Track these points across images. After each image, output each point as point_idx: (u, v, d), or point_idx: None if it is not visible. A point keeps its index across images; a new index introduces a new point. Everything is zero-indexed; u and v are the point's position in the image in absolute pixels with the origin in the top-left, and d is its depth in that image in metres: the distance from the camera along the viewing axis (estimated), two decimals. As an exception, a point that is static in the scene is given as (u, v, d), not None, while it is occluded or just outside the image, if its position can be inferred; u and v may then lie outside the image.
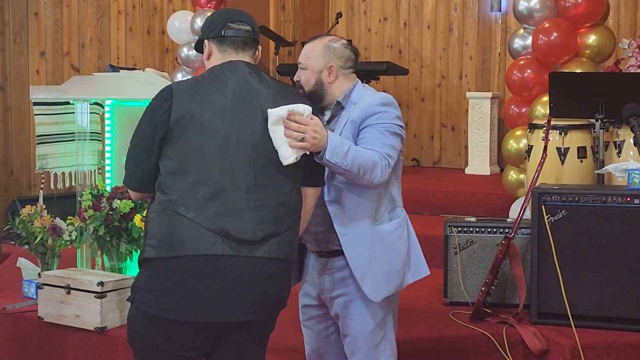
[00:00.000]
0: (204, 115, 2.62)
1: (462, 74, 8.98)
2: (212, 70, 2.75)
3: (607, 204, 4.15)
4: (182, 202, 2.56)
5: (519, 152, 5.77)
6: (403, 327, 4.26)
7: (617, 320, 4.11)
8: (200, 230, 2.54)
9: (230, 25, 2.77)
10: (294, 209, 2.74)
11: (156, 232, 2.60)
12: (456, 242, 4.61)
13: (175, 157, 2.60)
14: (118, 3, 7.63)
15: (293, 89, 2.98)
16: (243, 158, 2.61)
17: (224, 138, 2.60)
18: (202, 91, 2.67)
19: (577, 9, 5.72)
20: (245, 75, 2.72)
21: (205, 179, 2.58)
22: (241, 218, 2.59)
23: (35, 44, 7.02)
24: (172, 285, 2.58)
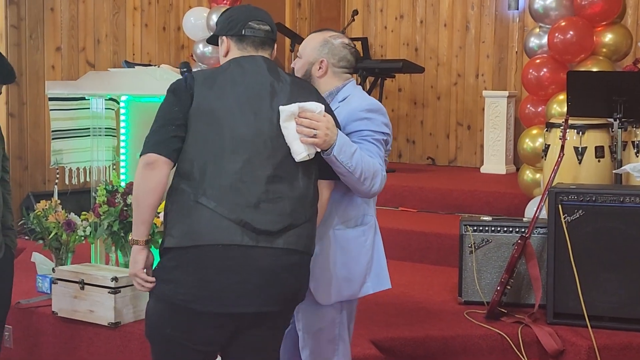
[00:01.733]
0: (223, 107, 2.65)
1: (479, 72, 8.96)
2: (230, 63, 2.76)
3: (624, 204, 4.14)
4: (202, 192, 2.58)
5: (535, 151, 5.76)
6: (417, 326, 4.28)
7: (634, 322, 4.10)
8: (220, 220, 2.56)
9: (250, 24, 2.79)
10: (311, 202, 2.75)
11: (176, 222, 2.62)
12: (471, 241, 4.60)
13: (194, 147, 2.62)
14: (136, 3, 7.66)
15: (309, 84, 2.98)
16: (262, 151, 2.63)
17: (244, 131, 2.62)
18: (221, 83, 2.69)
19: (594, 8, 5.70)
20: (263, 70, 2.74)
21: (226, 170, 2.59)
22: (260, 209, 2.60)
23: (50, 40, 7.05)
24: (191, 275, 2.60)
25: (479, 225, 4.65)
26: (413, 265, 5.70)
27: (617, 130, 4.72)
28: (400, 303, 4.71)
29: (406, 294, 4.91)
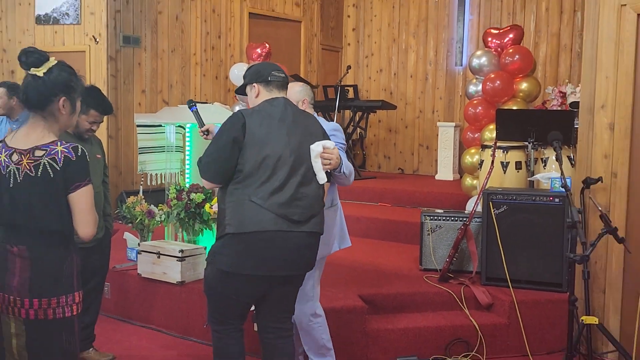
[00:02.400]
0: (262, 134, 2.68)
1: (434, 109, 8.96)
2: (264, 103, 2.80)
3: (536, 201, 4.16)
4: (254, 194, 2.62)
5: (473, 164, 5.77)
6: (391, 285, 4.30)
7: (541, 284, 4.12)
8: (266, 213, 2.61)
9: (273, 73, 2.84)
10: (321, 198, 2.83)
11: (233, 216, 2.66)
12: (429, 226, 4.62)
13: (248, 163, 2.66)
14: (196, 57, 7.67)
15: (310, 115, 3.03)
16: (292, 165, 2.70)
17: (278, 151, 2.68)
18: (261, 117, 2.73)
19: (513, 65, 5.73)
20: (285, 107, 2.79)
21: (270, 179, 2.65)
22: (293, 205, 2.68)
23: (138, 85, 7.07)
24: (242, 250, 2.66)
25: (434, 215, 4.66)
26: (388, 243, 5.69)
27: (530, 150, 4.72)
28: (379, 269, 4.70)
29: (383, 263, 4.89)
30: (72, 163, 2.16)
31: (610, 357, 3.84)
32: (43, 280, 2.20)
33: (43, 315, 2.21)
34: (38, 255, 2.20)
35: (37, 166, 2.14)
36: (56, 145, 2.17)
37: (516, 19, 8.12)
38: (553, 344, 3.90)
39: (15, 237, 2.21)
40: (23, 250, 2.19)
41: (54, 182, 2.15)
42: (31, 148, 2.17)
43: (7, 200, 2.17)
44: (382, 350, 3.79)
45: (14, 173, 2.16)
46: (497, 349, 3.85)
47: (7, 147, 2.20)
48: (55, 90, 2.21)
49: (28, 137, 2.21)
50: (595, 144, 3.91)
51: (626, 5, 3.74)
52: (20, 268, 2.19)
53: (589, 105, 3.94)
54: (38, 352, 2.22)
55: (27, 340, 2.21)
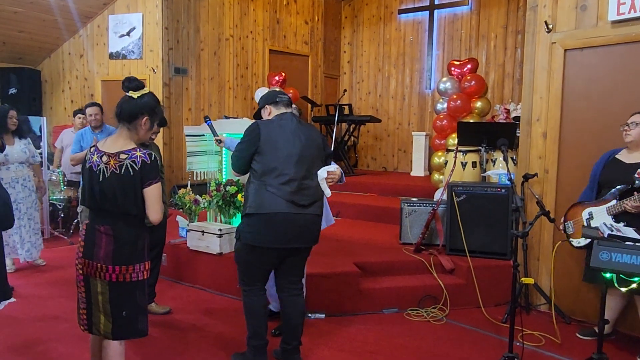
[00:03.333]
0: (275, 139, 2.70)
1: (410, 122, 8.94)
2: (275, 117, 2.82)
3: (487, 192, 4.16)
4: (269, 184, 2.64)
5: (440, 164, 5.77)
6: (376, 255, 4.29)
7: (491, 253, 4.12)
8: (278, 199, 2.63)
9: (279, 95, 2.89)
10: (320, 189, 2.80)
11: (253, 200, 2.67)
12: (406, 211, 4.61)
13: (263, 161, 2.68)
14: (229, 83, 7.67)
15: (314, 127, 3.00)
16: (298, 163, 2.70)
17: (287, 152, 2.69)
18: (273, 126, 2.75)
19: (471, 88, 5.71)
20: (293, 119, 2.80)
21: (282, 173, 2.65)
22: (300, 194, 2.68)
23: (185, 104, 7.08)
24: (262, 228, 2.66)
25: (410, 202, 4.64)
26: (375, 223, 5.69)
27: (483, 153, 4.71)
28: (368, 243, 4.70)
29: (371, 238, 4.90)
30: (147, 165, 2.19)
31: (543, 308, 3.85)
32: (123, 252, 2.23)
33: (122, 279, 2.23)
34: (119, 233, 2.22)
35: (121, 166, 2.18)
36: (136, 151, 2.20)
37: (472, 54, 8.10)
38: (500, 298, 3.90)
39: (101, 219, 2.24)
40: (108, 229, 2.22)
41: (133, 178, 2.18)
42: (117, 152, 2.21)
43: (98, 191, 2.22)
44: (371, 304, 3.80)
45: (103, 170, 2.20)
46: (458, 302, 3.87)
47: (98, 151, 2.26)
48: (142, 110, 2.26)
49: (115, 143, 2.25)
50: (532, 148, 3.92)
51: (555, 43, 3.74)
52: (105, 243, 2.22)
53: (527, 119, 3.94)
54: (118, 305, 2.25)
55: (110, 296, 2.24)
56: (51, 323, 3.48)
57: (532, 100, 3.90)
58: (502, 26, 7.97)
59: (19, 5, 6.18)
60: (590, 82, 3.61)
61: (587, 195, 3.26)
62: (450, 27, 8.48)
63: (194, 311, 3.76)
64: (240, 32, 7.77)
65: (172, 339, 3.29)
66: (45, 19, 6.59)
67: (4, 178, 4.38)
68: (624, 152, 3.15)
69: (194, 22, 7.11)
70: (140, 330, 2.33)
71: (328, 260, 4.00)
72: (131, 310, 2.27)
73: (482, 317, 3.70)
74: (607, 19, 3.45)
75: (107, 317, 2.25)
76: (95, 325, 2.29)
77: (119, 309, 2.25)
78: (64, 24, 6.83)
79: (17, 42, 6.82)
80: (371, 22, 9.36)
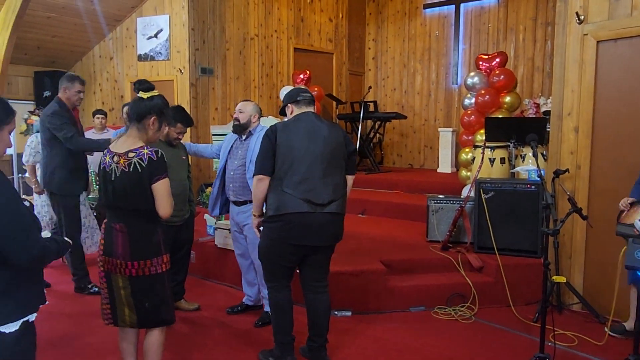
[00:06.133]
0: (291, 140, 2.69)
1: (436, 118, 8.83)
2: (295, 117, 2.82)
3: (516, 188, 4.09)
4: (285, 185, 2.65)
5: (467, 160, 5.66)
6: (403, 252, 4.27)
7: (521, 251, 4.05)
8: (294, 199, 2.63)
9: (301, 94, 2.87)
10: (342, 187, 2.79)
11: (272, 202, 2.69)
12: (433, 208, 4.57)
13: (280, 161, 2.68)
14: (254, 82, 7.73)
15: (336, 125, 2.96)
16: (316, 161, 2.69)
17: (304, 151, 2.68)
18: (291, 127, 2.74)
19: (499, 83, 5.58)
20: (313, 118, 2.79)
21: (298, 173, 2.65)
22: (317, 192, 2.67)
23: (212, 104, 7.17)
24: (282, 227, 2.68)
25: (437, 199, 4.59)
26: (401, 221, 5.65)
27: (512, 149, 4.63)
28: (395, 241, 4.68)
29: (398, 236, 4.87)
30: (154, 162, 2.24)
31: (575, 307, 3.76)
32: (138, 248, 2.28)
33: (141, 273, 2.28)
34: (133, 230, 2.28)
35: (129, 164, 2.23)
36: (143, 149, 2.25)
37: (500, 47, 7.94)
38: (530, 297, 3.83)
39: (116, 217, 2.31)
40: (123, 227, 2.28)
41: (141, 175, 2.22)
42: (126, 151, 2.26)
43: (111, 190, 2.28)
44: (398, 302, 3.79)
45: (114, 170, 2.26)
46: (486, 301, 3.81)
47: (110, 152, 2.32)
48: (151, 111, 2.30)
49: (125, 143, 2.31)
50: (563, 143, 3.82)
51: (587, 35, 3.63)
52: (121, 240, 2.28)
53: (558, 113, 3.85)
54: (140, 298, 2.31)
55: (131, 290, 2.30)
56: (88, 319, 3.59)
57: (563, 93, 3.80)
58: (531, 18, 7.78)
59: (52, 10, 6.38)
60: (625, 75, 3.49)
61: (637, 191, 3.10)
62: (477, 21, 8.32)
63: (222, 308, 3.81)
64: (265, 31, 7.81)
65: (201, 335, 3.34)
66: (77, 23, 6.78)
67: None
68: None
69: (220, 22, 7.18)
70: (164, 319, 2.38)
71: (354, 257, 4.00)
72: (153, 302, 2.32)
73: (512, 316, 3.64)
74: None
75: (131, 309, 2.32)
76: (120, 318, 2.36)
77: (141, 302, 2.31)
78: (94, 28, 7.01)
79: (51, 47, 7.03)
80: (396, 17, 9.27)
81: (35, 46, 6.89)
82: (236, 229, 3.53)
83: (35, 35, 6.69)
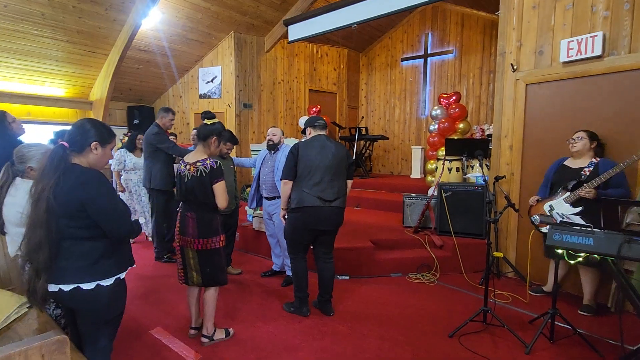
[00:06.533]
0: (309, 154, 2.68)
1: (410, 139, 8.78)
2: (312, 137, 2.80)
3: (467, 189, 4.03)
4: (305, 186, 2.63)
5: (432, 169, 5.62)
6: (386, 234, 4.22)
7: (470, 234, 3.98)
8: (311, 196, 2.62)
9: (317, 121, 2.86)
10: (344, 188, 2.77)
11: (294, 198, 2.69)
12: (407, 203, 4.53)
13: (301, 170, 2.67)
14: (280, 113, 7.75)
15: (340, 144, 2.93)
16: (326, 170, 2.67)
17: (318, 163, 2.67)
18: (309, 145, 2.73)
19: (456, 114, 5.52)
20: (324, 139, 2.78)
21: (314, 178, 2.64)
22: (327, 191, 2.66)
23: (250, 128, 7.17)
24: (301, 216, 2.66)
25: (410, 197, 4.54)
26: (384, 212, 5.61)
27: (464, 161, 4.59)
28: (381, 226, 4.64)
29: (382, 222, 4.83)
30: (214, 170, 2.28)
31: (510, 275, 3.72)
32: (204, 229, 2.31)
33: (205, 247, 2.31)
34: (199, 217, 2.31)
35: (197, 170, 2.27)
36: (207, 160, 2.29)
37: (456, 88, 7.90)
38: (477, 267, 3.80)
39: (189, 207, 2.34)
40: (193, 215, 2.31)
41: (205, 179, 2.26)
42: (194, 161, 2.30)
43: (184, 188, 2.32)
44: (382, 269, 3.77)
45: (187, 175, 2.30)
46: (446, 270, 3.79)
47: (184, 162, 2.36)
48: (212, 133, 2.34)
49: (194, 156, 2.35)
50: (501, 157, 3.79)
51: (519, 80, 3.61)
52: (191, 224, 2.31)
53: (498, 135, 3.82)
54: (203, 265, 2.34)
55: (198, 260, 2.33)
56: (162, 279, 3.63)
57: (501, 121, 3.78)
58: (478, 67, 7.73)
59: (139, 63, 6.49)
60: (545, 108, 3.47)
61: (542, 191, 3.13)
62: (439, 69, 8.29)
63: (257, 272, 3.82)
64: (288, 77, 7.86)
65: (243, 291, 3.36)
66: (157, 72, 6.88)
67: (133, 179, 4.61)
68: (570, 160, 3.03)
69: (256, 71, 7.24)
70: (220, 280, 2.42)
71: (351, 238, 4.00)
72: (212, 268, 2.36)
73: (464, 280, 3.61)
74: (559, 60, 3.32)
75: (197, 273, 2.35)
76: (190, 279, 2.39)
77: (204, 267, 2.34)
78: (168, 75, 7.11)
79: (139, 89, 7.15)
80: (381, 67, 9.27)
81: (128, 88, 7.01)
82: (267, 217, 3.53)
83: (128, 81, 6.81)
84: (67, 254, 1.62)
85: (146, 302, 3.11)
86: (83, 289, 1.63)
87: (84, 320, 1.70)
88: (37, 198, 1.56)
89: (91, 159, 1.69)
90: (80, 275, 1.63)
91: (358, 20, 5.73)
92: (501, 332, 2.63)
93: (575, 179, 2.86)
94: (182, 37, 6.36)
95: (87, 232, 1.63)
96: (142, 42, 6.06)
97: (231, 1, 6.01)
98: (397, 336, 2.58)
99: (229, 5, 6.08)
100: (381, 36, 9.03)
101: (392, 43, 8.95)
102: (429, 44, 8.24)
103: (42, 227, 1.55)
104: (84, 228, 1.61)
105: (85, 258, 1.64)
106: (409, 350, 2.42)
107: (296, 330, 2.66)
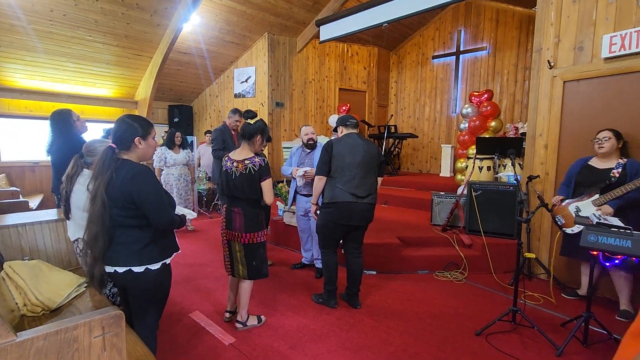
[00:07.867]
0: (342, 152, 2.68)
1: (440, 137, 8.58)
2: (345, 135, 2.80)
3: (499, 188, 3.92)
4: (338, 182, 2.64)
5: (462, 167, 5.50)
6: (414, 232, 4.18)
7: (501, 234, 3.88)
8: (344, 192, 2.62)
9: (349, 120, 2.84)
10: (375, 185, 2.76)
11: (328, 194, 2.69)
12: (436, 201, 4.47)
13: (334, 167, 2.67)
14: (311, 112, 7.82)
15: (372, 142, 2.93)
16: (358, 167, 2.67)
17: (350, 160, 2.67)
18: (341, 143, 2.72)
19: (487, 112, 5.36)
20: (356, 137, 2.77)
21: (347, 174, 2.65)
22: (359, 188, 2.65)
23: (283, 127, 7.26)
24: (334, 211, 2.67)
25: (439, 195, 4.48)
26: (414, 210, 5.55)
27: (496, 160, 4.46)
28: (408, 223, 4.60)
29: (410, 220, 4.78)
30: (263, 167, 2.35)
31: (542, 277, 3.59)
32: (249, 224, 2.40)
33: (251, 241, 2.41)
34: (246, 212, 2.40)
35: (245, 168, 2.36)
36: (255, 157, 2.38)
37: (488, 86, 7.63)
38: (507, 268, 3.70)
39: (235, 203, 2.43)
40: (239, 210, 2.41)
41: (253, 176, 2.34)
42: (242, 159, 2.39)
43: (232, 185, 2.40)
44: (410, 266, 3.76)
45: (234, 172, 2.39)
46: (474, 269, 3.72)
47: (231, 159, 2.44)
48: (257, 131, 2.43)
49: (240, 154, 2.43)
50: (535, 156, 3.66)
51: (556, 77, 3.46)
52: (238, 219, 2.40)
53: (532, 134, 3.69)
54: (249, 258, 2.42)
55: (244, 253, 2.42)
56: (200, 267, 3.82)
57: (536, 120, 3.64)
58: (513, 64, 7.42)
59: (180, 65, 6.78)
60: (584, 107, 3.31)
61: (564, 191, 3.01)
62: (472, 67, 8.03)
63: (287, 264, 3.90)
64: (319, 76, 7.91)
65: (275, 281, 3.46)
66: (195, 73, 7.16)
67: (174, 174, 4.85)
68: (595, 160, 2.89)
69: (288, 71, 7.34)
70: (264, 273, 2.50)
71: (379, 234, 4.01)
72: (258, 261, 2.44)
73: (493, 280, 3.53)
74: (600, 56, 3.14)
75: (243, 266, 2.44)
76: (236, 271, 2.50)
77: (251, 261, 2.43)
78: (205, 76, 7.37)
79: (178, 89, 7.47)
80: (412, 65, 9.11)
81: (169, 88, 7.35)
82: (302, 213, 3.52)
83: (169, 81, 7.14)
84: (120, 240, 1.77)
85: (186, 288, 3.27)
86: (134, 272, 1.78)
87: (135, 299, 1.85)
88: (94, 195, 1.70)
89: (139, 153, 1.83)
90: (131, 259, 1.77)
91: (389, 19, 5.68)
92: (530, 334, 2.56)
93: (604, 181, 2.73)
94: (219, 40, 6.57)
95: (136, 221, 1.75)
96: (182, 45, 6.32)
97: (265, 3, 6.13)
98: (422, 331, 2.58)
99: (263, 7, 6.20)
100: (412, 34, 8.86)
101: (423, 41, 8.76)
102: (461, 40, 7.99)
103: (97, 222, 1.69)
104: (133, 217, 1.74)
105: (136, 244, 1.78)
106: (434, 345, 2.41)
107: (324, 320, 2.71)
